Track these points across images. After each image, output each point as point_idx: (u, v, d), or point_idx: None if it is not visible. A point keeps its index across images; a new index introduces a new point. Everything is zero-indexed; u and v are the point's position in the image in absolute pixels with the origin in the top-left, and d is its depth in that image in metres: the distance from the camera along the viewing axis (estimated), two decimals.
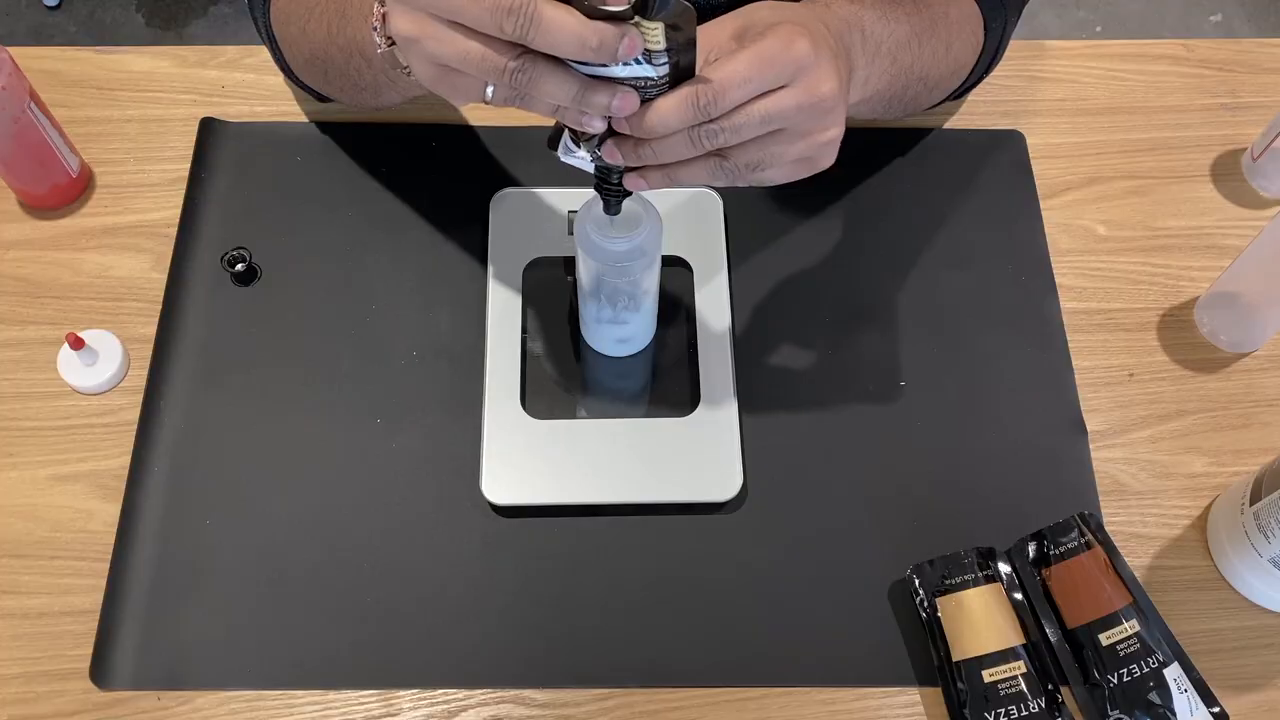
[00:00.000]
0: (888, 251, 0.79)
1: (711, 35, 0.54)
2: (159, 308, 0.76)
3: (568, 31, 0.47)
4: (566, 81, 0.49)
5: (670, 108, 0.50)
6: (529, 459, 0.69)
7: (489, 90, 0.51)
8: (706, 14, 0.55)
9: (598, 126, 0.52)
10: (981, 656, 0.63)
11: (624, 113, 0.50)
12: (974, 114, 0.86)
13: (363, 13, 0.63)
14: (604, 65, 0.49)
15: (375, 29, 0.58)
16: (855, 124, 0.83)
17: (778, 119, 0.52)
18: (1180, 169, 0.85)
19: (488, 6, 0.47)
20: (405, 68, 0.56)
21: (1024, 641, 0.64)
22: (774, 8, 0.56)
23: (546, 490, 0.69)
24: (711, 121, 0.52)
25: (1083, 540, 0.67)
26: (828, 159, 0.56)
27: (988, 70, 0.80)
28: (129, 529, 0.68)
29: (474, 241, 0.78)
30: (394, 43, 0.56)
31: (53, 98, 0.82)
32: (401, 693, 0.65)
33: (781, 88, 0.52)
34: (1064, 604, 0.66)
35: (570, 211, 0.78)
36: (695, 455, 0.70)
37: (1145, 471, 0.73)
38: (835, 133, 0.55)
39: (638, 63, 0.49)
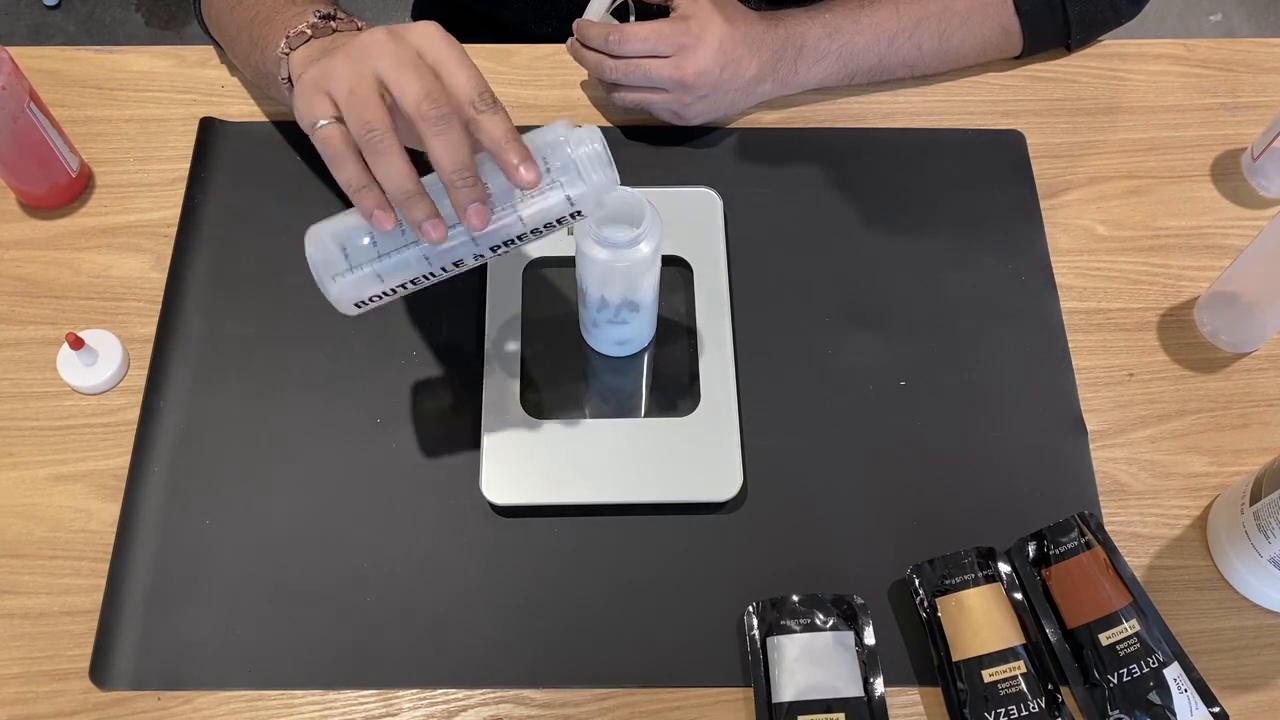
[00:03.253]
0: (888, 251, 0.79)
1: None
2: (159, 308, 0.76)
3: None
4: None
5: (592, 31, 0.76)
6: (529, 459, 0.69)
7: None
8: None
9: None
10: (981, 656, 0.63)
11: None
12: (974, 114, 0.86)
13: (274, 40, 0.68)
14: None
15: (282, 58, 0.66)
16: (862, 124, 0.84)
17: (654, 79, 0.76)
18: (1180, 169, 0.85)
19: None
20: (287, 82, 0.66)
21: (1024, 641, 0.64)
22: (729, 7, 0.77)
23: (546, 490, 0.69)
24: (614, 59, 0.76)
25: (1083, 540, 0.67)
26: (693, 120, 0.80)
27: (1069, 38, 0.87)
28: (129, 529, 0.68)
29: None
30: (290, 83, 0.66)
31: (52, 98, 0.82)
32: (401, 693, 0.65)
33: (665, 58, 0.75)
34: (1064, 604, 0.66)
35: None
36: (695, 455, 0.70)
37: (1145, 471, 0.73)
38: (699, 107, 0.78)
39: None
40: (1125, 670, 0.63)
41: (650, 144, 0.83)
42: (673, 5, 0.77)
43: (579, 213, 0.58)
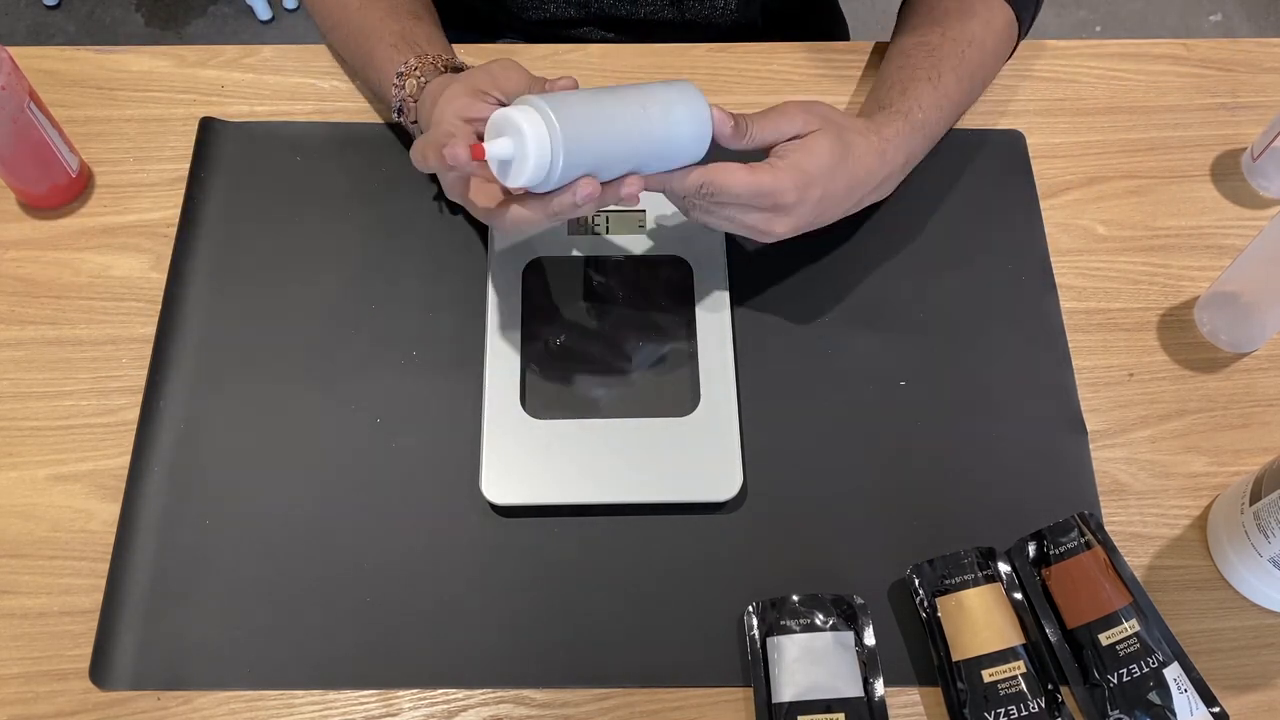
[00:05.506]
0: (888, 251, 0.79)
1: (785, 109, 0.69)
2: (159, 308, 0.76)
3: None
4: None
5: (685, 184, 0.66)
6: (529, 459, 0.69)
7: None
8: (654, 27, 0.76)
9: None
10: (981, 656, 0.63)
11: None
12: (974, 114, 0.86)
13: (386, 70, 0.75)
14: None
15: (395, 89, 0.73)
16: None
17: (738, 225, 0.69)
18: (1180, 169, 0.85)
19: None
20: (415, 124, 0.74)
21: (1024, 641, 0.64)
22: (832, 121, 0.69)
23: (546, 490, 0.69)
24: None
25: (1083, 540, 0.67)
26: (765, 243, 0.72)
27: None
28: (129, 529, 0.68)
29: (474, 241, 0.78)
30: (412, 117, 0.73)
31: (52, 97, 0.82)
32: (401, 693, 0.65)
33: (755, 209, 0.67)
34: (1064, 604, 0.66)
35: None
36: (695, 455, 0.70)
37: (1145, 471, 0.73)
38: (771, 240, 0.70)
39: None
40: (1125, 670, 0.63)
41: None
42: (776, 152, 0.68)
43: None
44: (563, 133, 0.58)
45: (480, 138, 0.63)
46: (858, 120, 0.73)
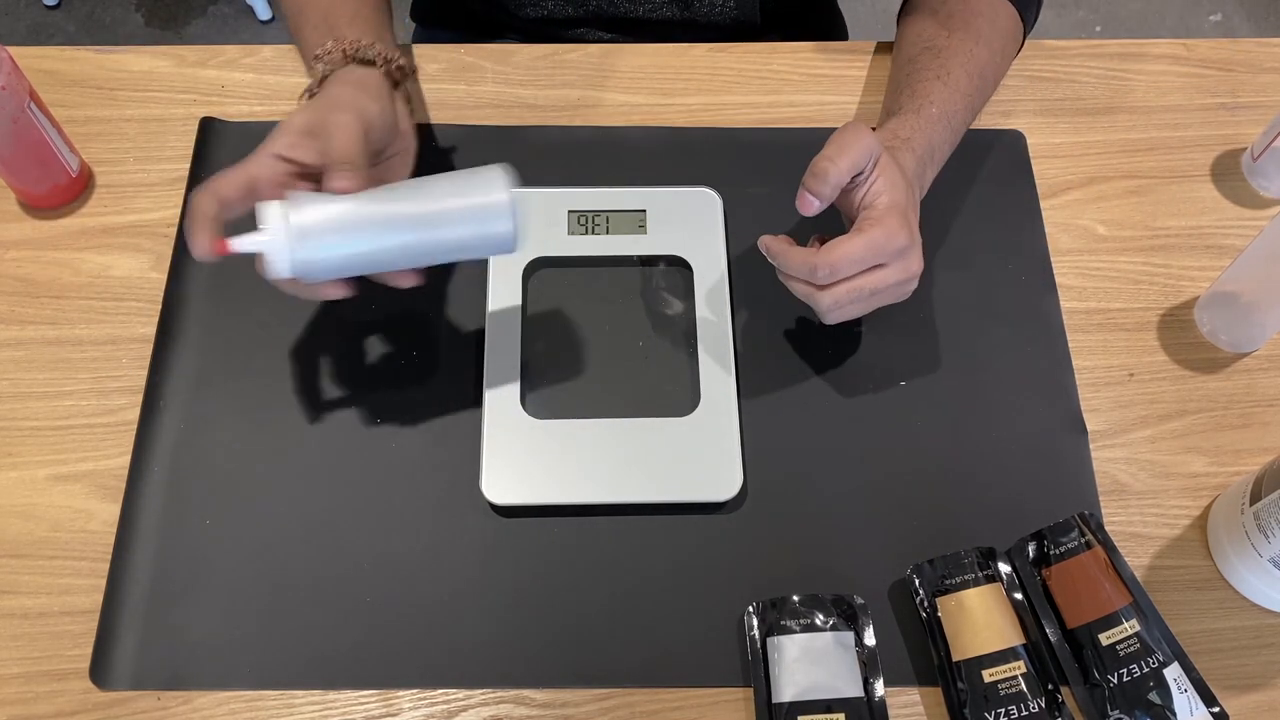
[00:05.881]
0: None
1: (852, 141, 0.66)
2: (159, 308, 0.76)
3: None
4: None
5: (791, 261, 0.67)
6: (529, 459, 0.69)
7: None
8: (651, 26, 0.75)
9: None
10: (981, 656, 0.63)
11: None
12: None
13: (308, 55, 0.74)
14: None
15: (310, 72, 0.73)
16: None
17: (879, 290, 0.67)
18: (1180, 169, 0.85)
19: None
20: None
21: (1024, 641, 0.64)
22: (896, 170, 0.68)
23: (546, 490, 0.69)
24: (826, 288, 0.66)
25: (1083, 540, 0.67)
26: (902, 299, 0.70)
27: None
28: (129, 529, 0.68)
29: None
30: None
31: (52, 97, 0.82)
32: (401, 693, 0.65)
33: (881, 266, 0.66)
34: (1064, 604, 0.66)
35: (570, 211, 0.78)
36: (695, 455, 0.70)
37: (1145, 471, 0.73)
38: (914, 286, 0.69)
39: None
40: (1125, 670, 0.63)
41: (650, 144, 0.83)
42: (860, 206, 0.67)
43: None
44: (300, 243, 0.61)
45: (298, 175, 0.64)
46: (880, 133, 0.73)
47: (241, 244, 0.61)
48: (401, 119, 0.71)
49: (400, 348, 0.75)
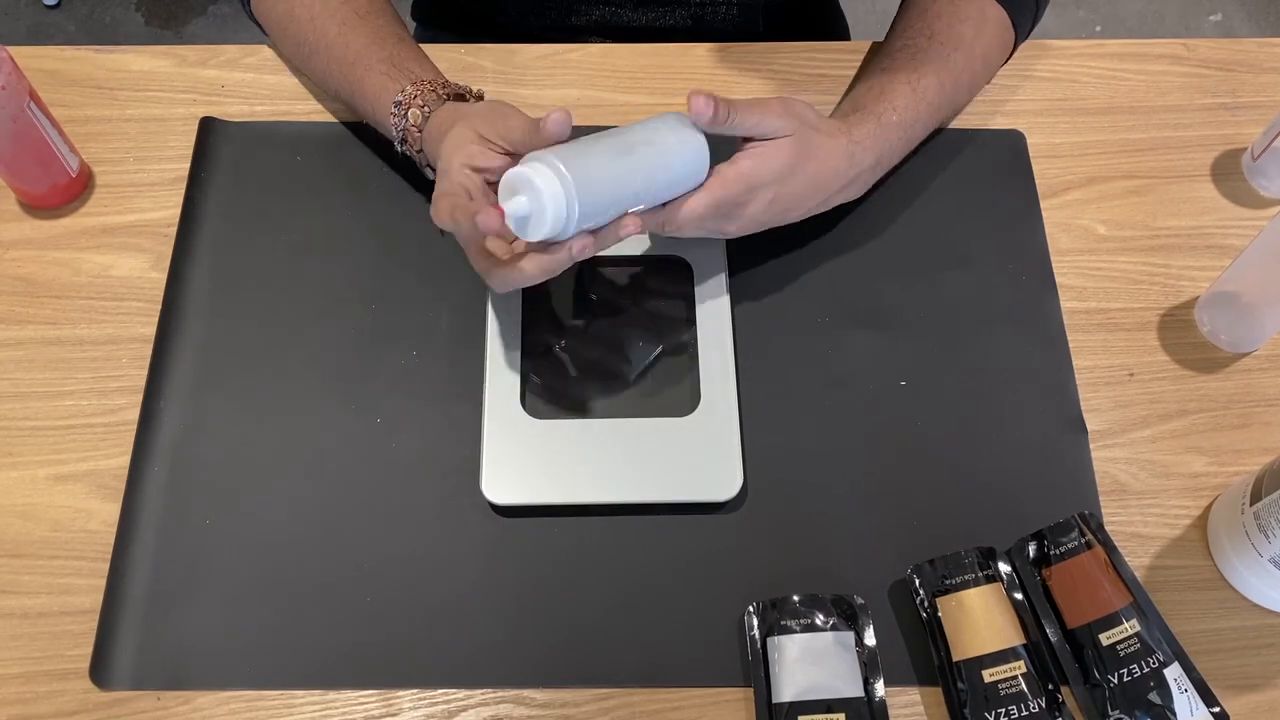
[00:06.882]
0: (888, 251, 0.79)
1: (769, 106, 0.68)
2: (159, 308, 0.76)
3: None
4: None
5: (647, 221, 0.67)
6: (529, 459, 0.69)
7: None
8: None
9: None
10: (982, 656, 0.63)
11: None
12: (974, 114, 0.86)
13: (380, 98, 0.74)
14: None
15: (395, 119, 0.72)
16: None
17: (702, 231, 0.70)
18: (1180, 169, 0.85)
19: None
20: (429, 168, 0.73)
21: (1024, 641, 0.64)
22: (805, 125, 0.70)
23: (546, 490, 0.69)
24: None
25: (1083, 540, 0.67)
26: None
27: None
28: (129, 529, 0.68)
29: None
30: (418, 148, 0.73)
31: (52, 97, 0.82)
32: (401, 693, 0.65)
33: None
34: (1064, 604, 0.66)
35: None
36: (695, 455, 0.70)
37: (1145, 471, 0.73)
38: (727, 237, 0.73)
39: None
40: (1125, 670, 0.63)
41: None
42: (739, 151, 0.69)
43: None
44: (576, 187, 0.60)
45: (491, 184, 0.65)
46: (830, 122, 0.73)
47: (518, 204, 0.60)
48: None
49: (400, 348, 0.75)
